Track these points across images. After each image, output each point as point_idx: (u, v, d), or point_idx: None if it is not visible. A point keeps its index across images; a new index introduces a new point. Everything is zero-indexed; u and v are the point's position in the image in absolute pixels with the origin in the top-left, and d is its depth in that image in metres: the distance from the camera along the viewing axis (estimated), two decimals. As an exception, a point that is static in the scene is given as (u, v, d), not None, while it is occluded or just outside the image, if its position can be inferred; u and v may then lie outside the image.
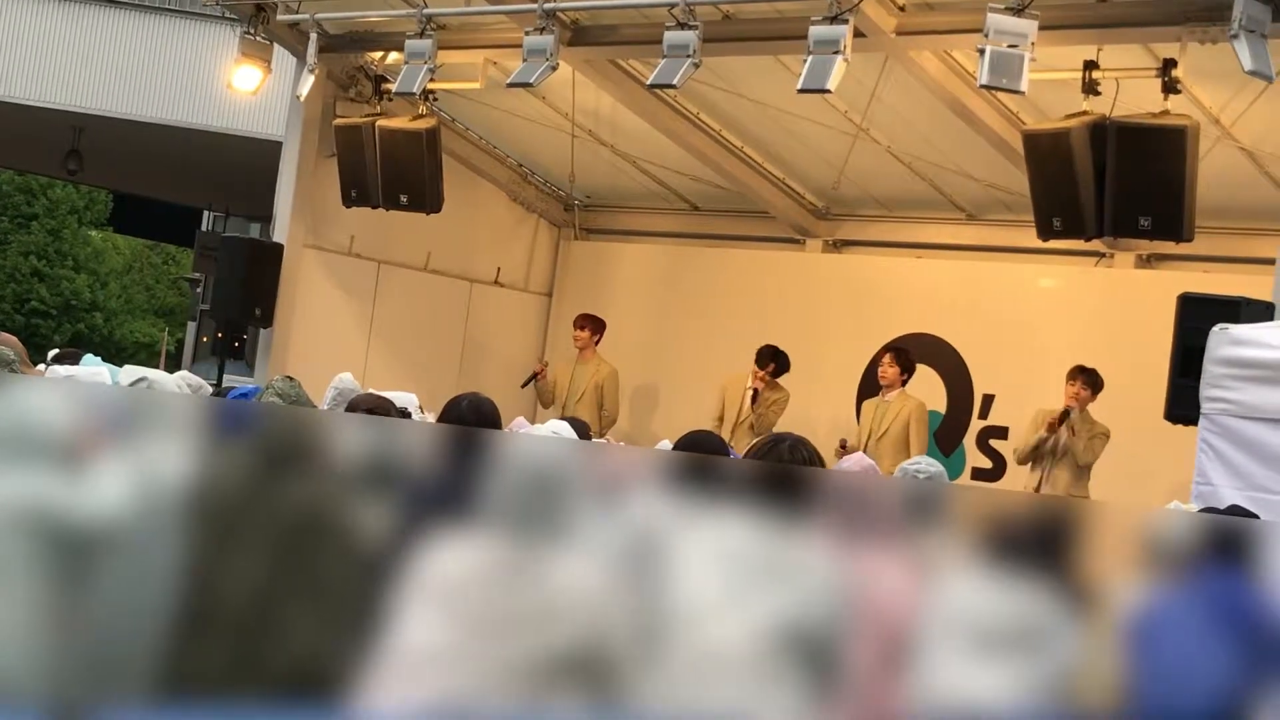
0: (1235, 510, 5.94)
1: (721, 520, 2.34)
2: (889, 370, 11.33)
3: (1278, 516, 6.76)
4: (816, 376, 12.62)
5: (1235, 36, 8.02)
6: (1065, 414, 10.37)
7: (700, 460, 2.51)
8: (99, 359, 7.24)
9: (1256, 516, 5.68)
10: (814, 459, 4.32)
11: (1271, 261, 8.45)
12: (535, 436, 6.36)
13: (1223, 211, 10.25)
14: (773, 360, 11.82)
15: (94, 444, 2.28)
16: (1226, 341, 7.35)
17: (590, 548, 2.32)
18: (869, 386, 11.97)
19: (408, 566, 2.26)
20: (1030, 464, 10.67)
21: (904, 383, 11.32)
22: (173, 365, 28.70)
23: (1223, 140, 9.99)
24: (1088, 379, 10.43)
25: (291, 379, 6.53)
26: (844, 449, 11.11)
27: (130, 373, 6.57)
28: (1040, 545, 2.43)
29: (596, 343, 12.73)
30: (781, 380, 11.92)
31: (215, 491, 2.27)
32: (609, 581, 2.31)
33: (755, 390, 11.76)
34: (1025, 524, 2.51)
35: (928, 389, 11.84)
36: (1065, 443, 10.43)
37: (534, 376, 12.79)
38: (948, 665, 2.37)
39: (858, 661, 2.34)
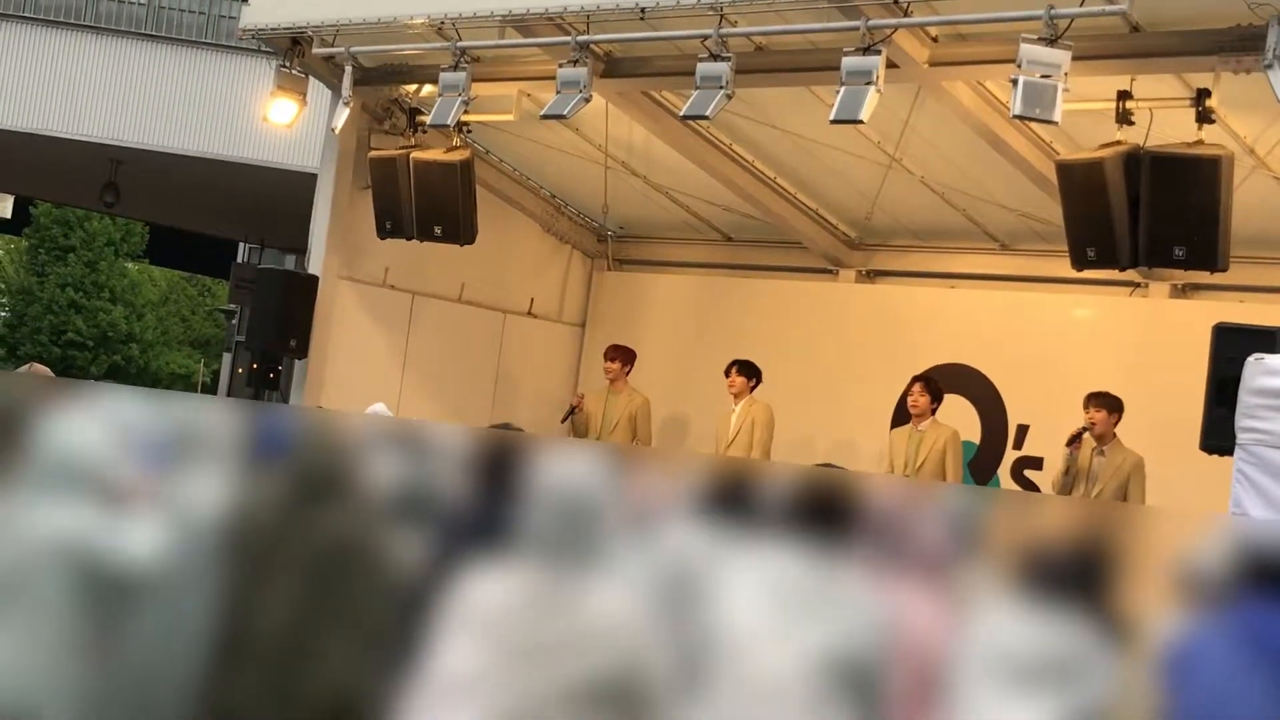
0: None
1: (763, 549, 2.34)
2: (919, 400, 11.31)
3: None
4: (849, 407, 12.59)
5: (1269, 66, 7.99)
6: (1081, 431, 10.39)
7: (736, 485, 2.51)
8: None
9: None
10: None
11: (1307, 291, 8.42)
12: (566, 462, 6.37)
13: (1258, 241, 10.21)
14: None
15: (136, 484, 2.29)
16: (1261, 372, 7.30)
17: (626, 576, 2.32)
18: (901, 417, 11.94)
19: (444, 595, 2.27)
20: (1068, 493, 10.64)
21: (934, 411, 11.30)
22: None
23: (1258, 170, 9.95)
24: (1099, 402, 10.42)
25: (323, 409, 6.55)
26: None
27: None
28: (1077, 578, 2.42)
29: (627, 374, 12.74)
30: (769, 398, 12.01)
31: (251, 523, 2.28)
32: (646, 610, 2.30)
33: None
34: (1062, 555, 2.50)
35: (962, 419, 11.81)
36: (1094, 467, 10.42)
37: (572, 410, 12.81)
38: (983, 698, 2.36)
39: (894, 693, 2.34)
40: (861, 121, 9.17)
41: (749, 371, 12.07)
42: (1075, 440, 10.44)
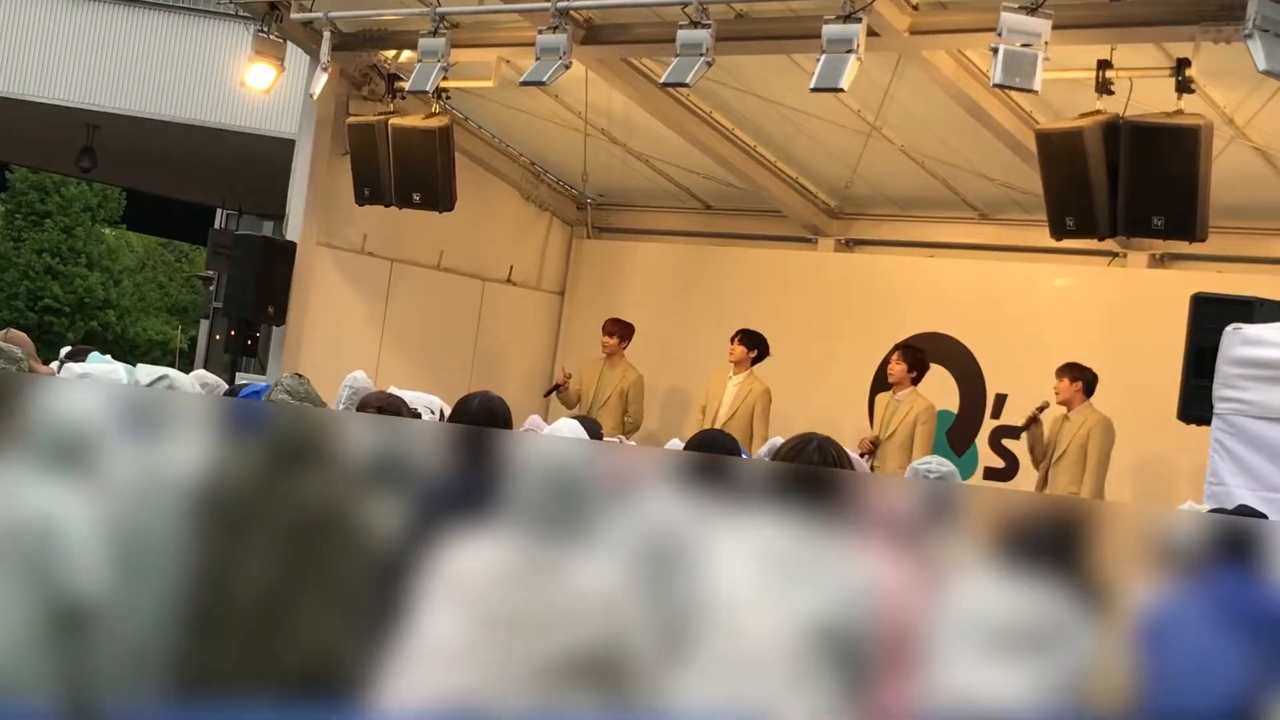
0: (1243, 510, 5.94)
1: (751, 519, 2.35)
2: (896, 368, 11.34)
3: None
4: (829, 375, 12.61)
5: (1249, 36, 8.00)
6: (1034, 416, 10.50)
7: (714, 461, 2.51)
8: (108, 357, 7.23)
9: (1265, 516, 5.67)
10: (842, 459, 4.30)
11: (1285, 261, 8.44)
12: (548, 438, 6.37)
13: (1236, 211, 10.23)
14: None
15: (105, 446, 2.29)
16: (1239, 341, 7.33)
17: (609, 548, 2.32)
18: (881, 386, 11.96)
19: (425, 565, 2.27)
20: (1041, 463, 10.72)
21: (914, 380, 11.30)
22: (186, 363, 28.75)
23: (1236, 140, 9.97)
24: (1062, 372, 10.50)
25: (301, 376, 6.52)
26: (872, 444, 11.16)
27: (147, 371, 6.57)
28: (1053, 547, 2.43)
29: (624, 348, 12.71)
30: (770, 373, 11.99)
31: (228, 491, 2.28)
32: (628, 582, 2.31)
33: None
34: (1037, 526, 2.51)
35: (940, 388, 11.83)
36: (1050, 437, 10.52)
37: (556, 387, 12.80)
38: (961, 666, 2.37)
39: (875, 661, 2.35)
40: (842, 90, 9.17)
41: (751, 342, 11.96)
42: (1027, 427, 10.58)
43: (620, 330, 12.72)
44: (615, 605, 2.30)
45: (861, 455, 11.01)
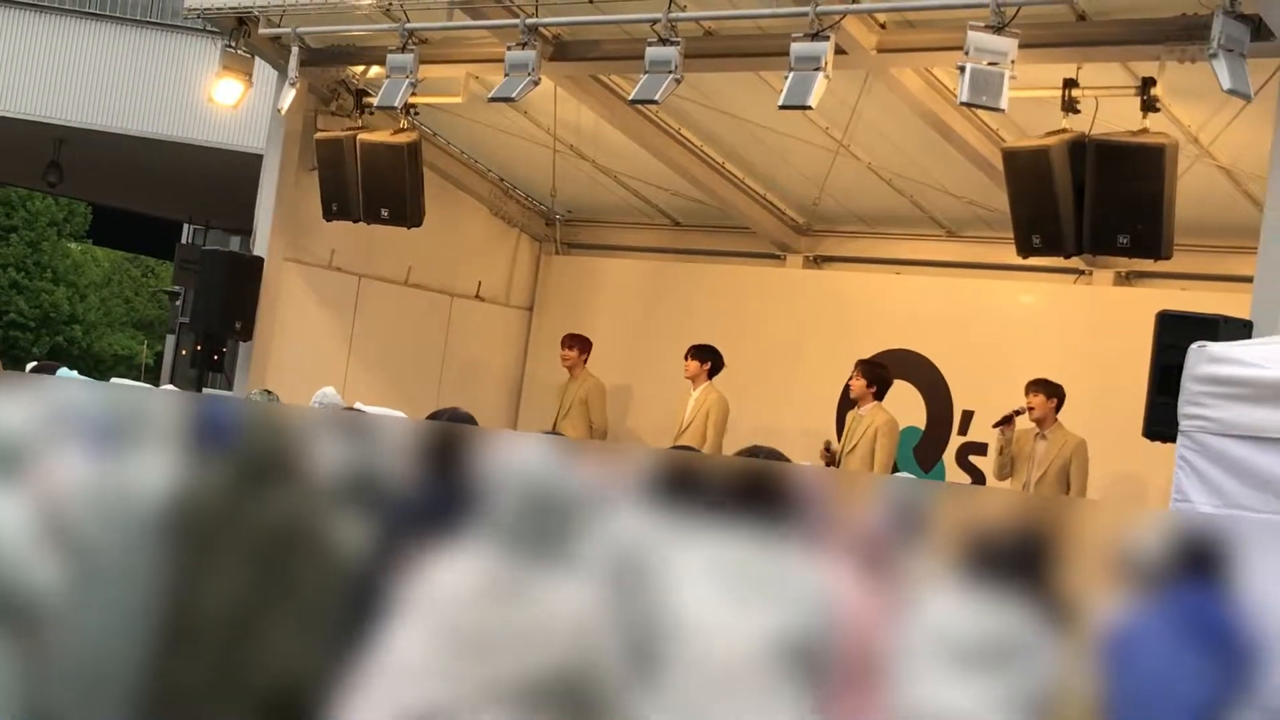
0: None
1: (709, 533, 2.35)
2: (856, 384, 11.38)
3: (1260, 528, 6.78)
4: (796, 391, 12.64)
5: (1214, 55, 8.06)
6: (1012, 415, 10.54)
7: (684, 469, 2.51)
8: (75, 372, 7.22)
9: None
10: None
11: (1249, 279, 8.49)
12: (519, 440, 6.36)
13: (1201, 230, 10.30)
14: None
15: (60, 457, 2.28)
16: (1205, 359, 7.36)
17: (580, 566, 2.32)
18: (848, 402, 11.99)
19: (397, 582, 2.26)
20: (1009, 476, 10.74)
21: (876, 396, 11.30)
22: (152, 378, 28.62)
23: (1201, 159, 10.03)
24: (1037, 388, 10.55)
25: (270, 392, 6.52)
26: (828, 452, 11.19)
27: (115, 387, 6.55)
28: (1017, 558, 2.44)
29: (584, 361, 12.80)
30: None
31: (197, 506, 2.27)
32: (600, 600, 2.31)
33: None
34: (1002, 536, 2.52)
35: (907, 405, 11.86)
36: (1036, 451, 10.54)
37: None
38: (925, 680, 2.37)
39: (838, 677, 2.35)
40: (810, 107, 9.20)
41: (704, 355, 12.05)
42: (1005, 423, 10.60)
43: (578, 344, 12.82)
44: (586, 624, 2.30)
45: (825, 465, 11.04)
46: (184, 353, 26.01)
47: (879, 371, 11.45)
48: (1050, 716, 2.40)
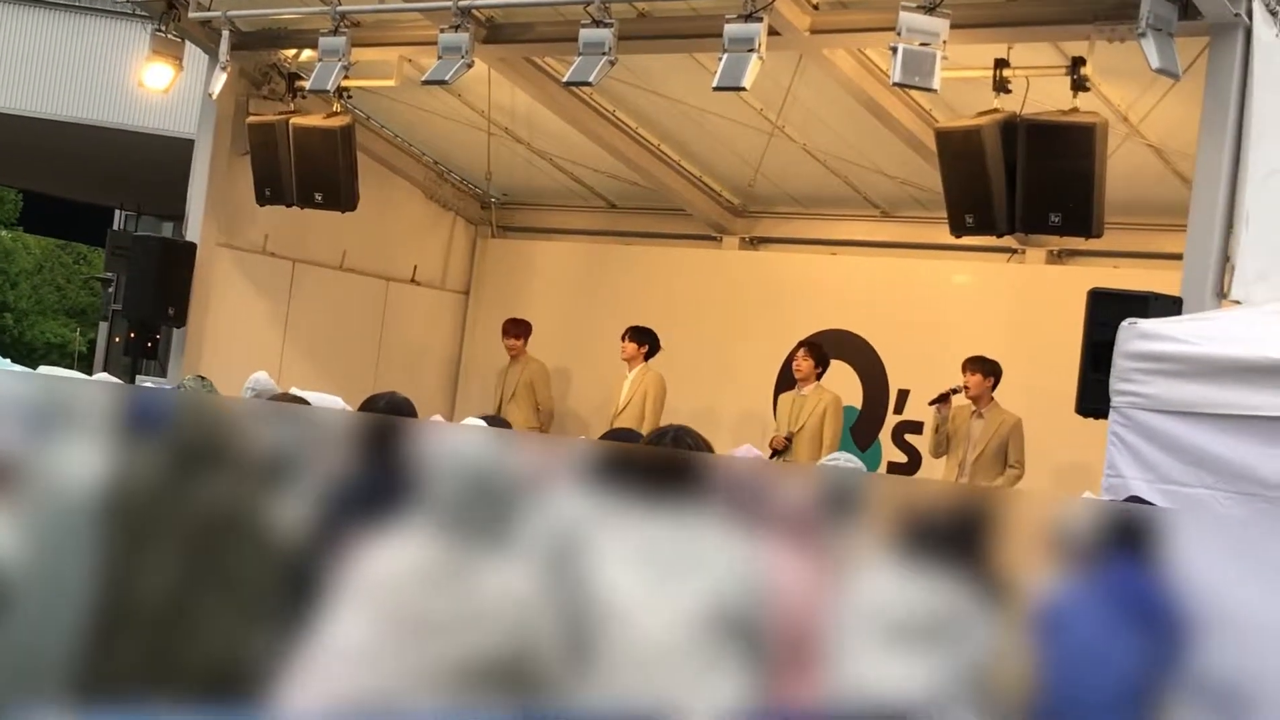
0: (1134, 501, 6.03)
1: (631, 514, 2.36)
2: (804, 364, 11.46)
3: (1186, 509, 6.87)
4: (733, 373, 12.67)
5: (1143, 35, 8.13)
6: (949, 392, 10.61)
7: (619, 453, 2.52)
8: (8, 360, 7.14)
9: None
10: (699, 447, 4.25)
11: (1179, 257, 8.57)
12: (450, 426, 6.34)
13: (1131, 208, 10.38)
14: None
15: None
16: (1135, 336, 7.44)
17: (518, 549, 2.32)
18: (785, 383, 12.04)
19: (335, 566, 2.26)
20: (944, 454, 10.81)
21: (819, 376, 11.44)
22: (85, 366, 28.35)
23: (1131, 137, 10.12)
24: (975, 366, 10.62)
25: (203, 378, 6.49)
26: (783, 440, 11.25)
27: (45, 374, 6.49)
28: (953, 539, 2.46)
29: (526, 345, 12.87)
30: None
31: (131, 492, 2.26)
32: (539, 582, 2.31)
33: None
34: (937, 516, 2.54)
35: (844, 385, 11.92)
36: (972, 430, 10.60)
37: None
38: (861, 658, 2.40)
39: (774, 655, 2.37)
40: (744, 89, 9.21)
41: (641, 338, 12.11)
42: (941, 400, 10.66)
43: (519, 330, 12.86)
44: (526, 606, 2.31)
45: (773, 454, 11.08)
46: (117, 340, 25.75)
47: (823, 352, 11.56)
48: (985, 690, 2.43)
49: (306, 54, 11.82)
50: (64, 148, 21.05)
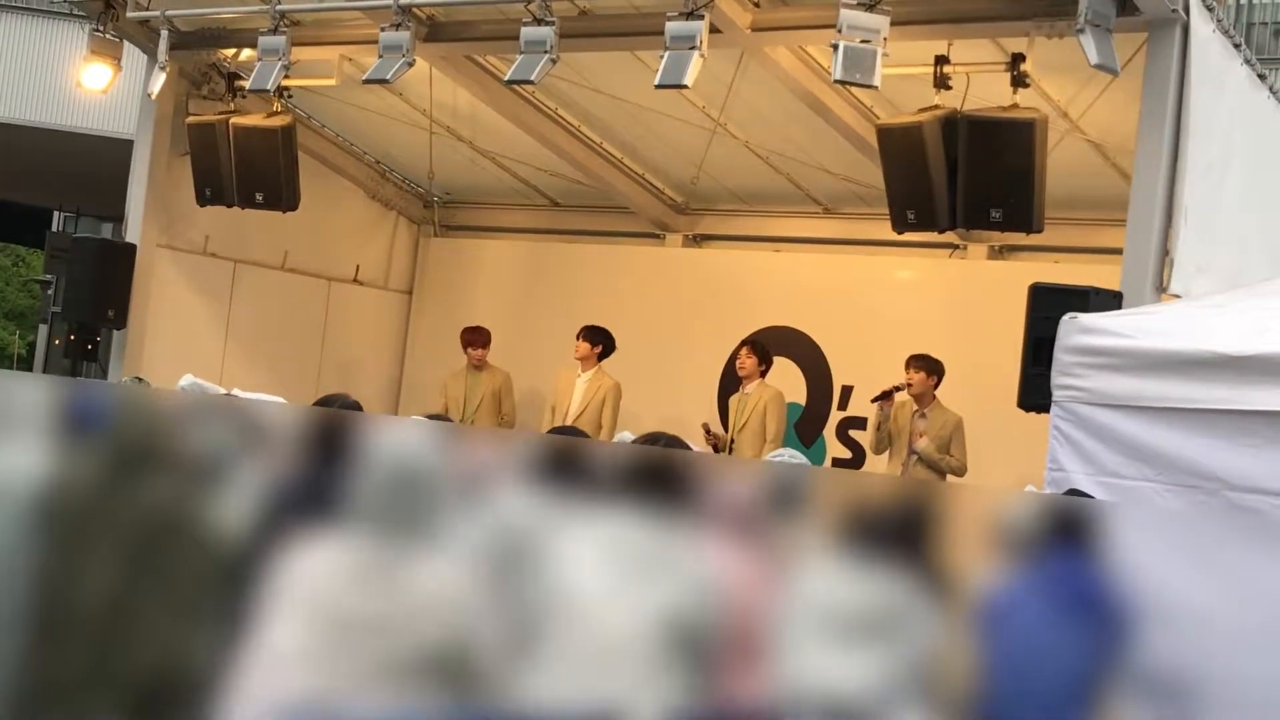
0: (1074, 494, 6.06)
1: (602, 511, 2.35)
2: (746, 362, 11.48)
3: (1125, 501, 6.92)
4: (678, 371, 12.67)
5: (1081, 31, 8.18)
6: (891, 390, 10.63)
7: (568, 447, 2.51)
8: None
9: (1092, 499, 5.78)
10: None
11: (1119, 251, 8.64)
12: (394, 424, 6.31)
13: (1072, 203, 10.46)
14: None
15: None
16: (1076, 330, 7.49)
17: (457, 546, 2.31)
18: (730, 381, 12.06)
19: (270, 568, 2.25)
20: (887, 451, 10.84)
21: (763, 374, 11.46)
22: (24, 369, 28.09)
23: (1071, 133, 10.19)
24: (918, 364, 10.65)
25: (140, 379, 6.42)
26: (709, 434, 11.26)
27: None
28: (897, 534, 2.47)
29: (487, 354, 12.71)
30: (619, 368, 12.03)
31: (69, 495, 2.24)
32: (477, 580, 2.30)
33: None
34: (882, 513, 2.55)
35: (788, 381, 11.95)
36: (915, 428, 10.63)
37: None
38: (808, 654, 2.40)
39: (722, 652, 2.37)
40: (686, 86, 9.20)
41: (595, 338, 11.98)
42: (884, 398, 10.69)
43: (481, 339, 12.66)
44: (463, 603, 2.30)
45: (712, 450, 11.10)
46: (57, 342, 25.51)
47: (766, 350, 11.58)
48: (930, 684, 2.44)
49: (246, 53, 11.74)
50: (1, 149, 20.84)
